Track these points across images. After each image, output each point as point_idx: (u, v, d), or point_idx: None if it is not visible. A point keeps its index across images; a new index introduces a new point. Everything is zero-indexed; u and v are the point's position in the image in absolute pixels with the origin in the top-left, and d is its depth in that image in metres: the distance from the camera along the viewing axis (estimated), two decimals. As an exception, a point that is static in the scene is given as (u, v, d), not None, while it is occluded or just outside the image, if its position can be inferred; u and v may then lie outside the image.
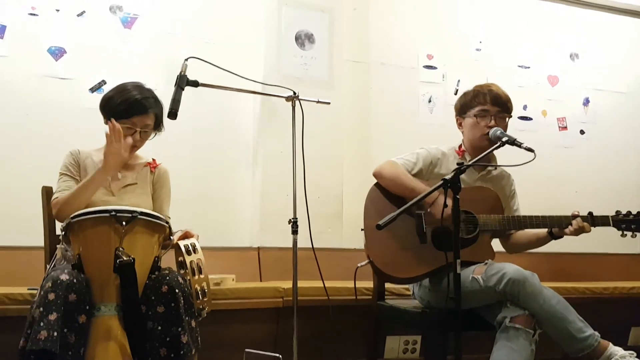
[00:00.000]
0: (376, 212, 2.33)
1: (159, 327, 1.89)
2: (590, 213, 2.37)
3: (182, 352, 1.88)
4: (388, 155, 2.58)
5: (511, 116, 2.51)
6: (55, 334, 1.73)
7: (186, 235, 2.14)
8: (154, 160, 2.38)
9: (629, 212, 2.39)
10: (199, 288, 2.02)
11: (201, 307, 2.03)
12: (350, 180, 3.48)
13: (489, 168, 2.49)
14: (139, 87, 2.25)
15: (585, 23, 4.29)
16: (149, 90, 2.27)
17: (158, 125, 2.28)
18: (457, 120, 2.57)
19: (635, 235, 2.37)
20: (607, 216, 2.38)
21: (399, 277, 2.40)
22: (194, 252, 2.06)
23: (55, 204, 2.14)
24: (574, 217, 2.35)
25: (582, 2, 4.27)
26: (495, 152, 2.22)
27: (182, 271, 2.07)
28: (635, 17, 4.40)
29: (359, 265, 2.40)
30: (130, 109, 2.18)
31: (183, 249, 2.05)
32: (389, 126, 3.73)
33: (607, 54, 4.31)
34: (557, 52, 4.21)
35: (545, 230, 2.44)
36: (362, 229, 2.41)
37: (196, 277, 2.03)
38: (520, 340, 2.10)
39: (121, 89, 2.24)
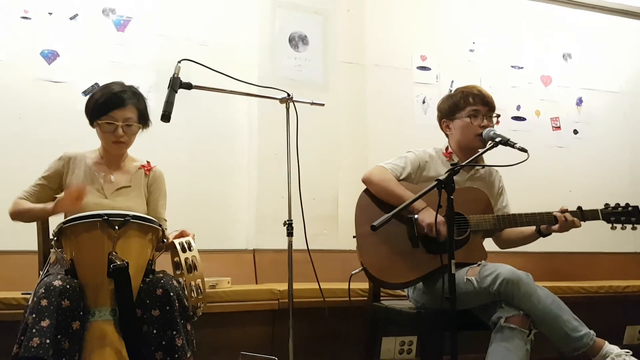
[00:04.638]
0: (367, 218, 2.31)
1: (154, 331, 1.88)
2: (579, 207, 2.37)
3: (177, 356, 1.87)
4: (383, 156, 2.57)
5: (499, 115, 2.52)
6: (48, 340, 1.72)
7: (182, 235, 2.14)
8: (148, 162, 2.37)
9: (618, 205, 2.37)
10: (194, 284, 2.01)
11: (197, 305, 2.02)
12: (345, 182, 3.48)
13: (477, 167, 2.49)
14: (118, 83, 2.25)
15: (578, 23, 4.32)
16: (130, 86, 2.26)
17: (144, 120, 2.26)
18: (443, 123, 2.55)
19: (625, 228, 2.36)
20: (597, 210, 2.37)
21: (393, 283, 2.40)
22: (189, 250, 2.05)
23: (14, 205, 2.20)
24: (563, 212, 2.35)
25: (574, 2, 4.29)
26: (487, 152, 2.22)
27: (177, 272, 2.07)
28: (627, 17, 4.43)
29: (352, 273, 2.40)
30: (108, 103, 2.17)
31: (178, 246, 2.05)
32: (383, 127, 3.74)
33: (600, 53, 4.34)
34: (550, 52, 4.23)
35: (533, 228, 2.44)
36: (354, 236, 2.41)
37: (192, 273, 2.02)
38: (516, 340, 2.10)
39: (102, 87, 2.26)
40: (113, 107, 2.17)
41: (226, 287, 2.80)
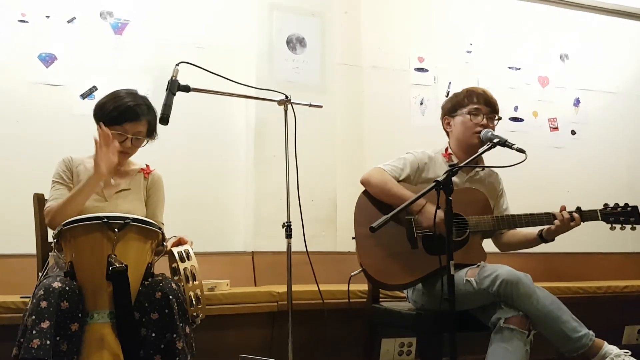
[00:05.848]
0: (366, 219, 2.32)
1: (153, 334, 1.88)
2: (578, 208, 2.37)
3: (178, 359, 1.87)
4: (381, 157, 2.58)
5: (500, 118, 2.53)
6: (48, 342, 1.72)
7: (180, 242, 2.13)
8: (147, 166, 2.37)
9: (617, 205, 2.38)
10: (192, 295, 2.02)
11: (195, 314, 2.02)
12: (343, 184, 3.48)
13: (477, 169, 2.50)
14: (132, 94, 2.25)
15: (575, 24, 4.33)
16: (143, 98, 2.26)
17: (151, 133, 2.27)
18: (444, 121, 2.57)
19: (624, 228, 2.36)
20: (595, 210, 2.37)
21: (392, 284, 2.40)
22: (188, 259, 2.05)
23: (48, 213, 2.13)
24: (562, 211, 2.36)
25: (571, 3, 4.30)
26: (485, 153, 2.23)
27: (175, 277, 2.07)
28: (624, 17, 4.44)
29: (352, 274, 2.40)
30: (122, 116, 2.17)
31: (177, 255, 2.04)
32: (381, 129, 3.74)
33: (597, 54, 4.35)
34: (547, 53, 4.24)
35: (535, 233, 2.45)
36: (353, 238, 2.41)
37: (190, 284, 2.02)
38: (515, 341, 2.11)
39: (114, 96, 2.23)
40: (127, 120, 2.18)
41: (225, 290, 2.79)
